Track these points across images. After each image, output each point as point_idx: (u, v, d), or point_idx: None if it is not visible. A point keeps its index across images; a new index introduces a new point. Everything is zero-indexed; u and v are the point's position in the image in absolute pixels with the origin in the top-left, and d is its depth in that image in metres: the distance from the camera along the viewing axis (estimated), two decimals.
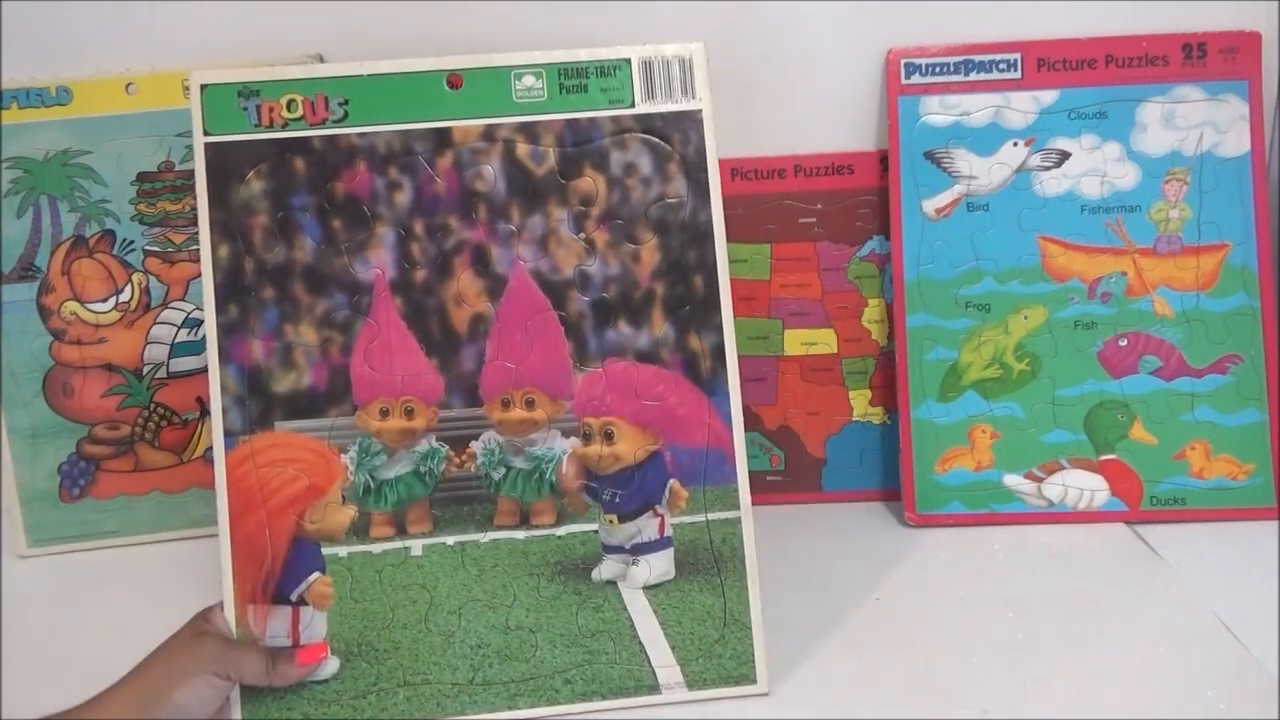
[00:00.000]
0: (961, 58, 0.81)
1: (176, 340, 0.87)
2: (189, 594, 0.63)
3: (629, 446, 0.67)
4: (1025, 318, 0.83)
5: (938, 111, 0.82)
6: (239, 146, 0.65)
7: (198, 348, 0.86)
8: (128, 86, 0.84)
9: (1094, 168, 0.81)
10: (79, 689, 0.56)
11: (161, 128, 0.84)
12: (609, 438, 0.67)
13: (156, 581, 0.79)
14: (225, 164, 0.65)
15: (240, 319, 0.66)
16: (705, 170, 0.66)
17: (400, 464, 0.67)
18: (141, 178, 0.85)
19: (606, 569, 0.67)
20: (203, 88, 0.65)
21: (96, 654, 0.64)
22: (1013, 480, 0.83)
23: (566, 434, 0.67)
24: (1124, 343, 0.81)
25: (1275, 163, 0.83)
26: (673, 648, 0.65)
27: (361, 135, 0.66)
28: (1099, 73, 0.80)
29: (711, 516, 0.67)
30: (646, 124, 0.66)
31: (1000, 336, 0.83)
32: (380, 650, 0.65)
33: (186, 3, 0.84)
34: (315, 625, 0.64)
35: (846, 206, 0.87)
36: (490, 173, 0.67)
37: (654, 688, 0.65)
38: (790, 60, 0.84)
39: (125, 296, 0.86)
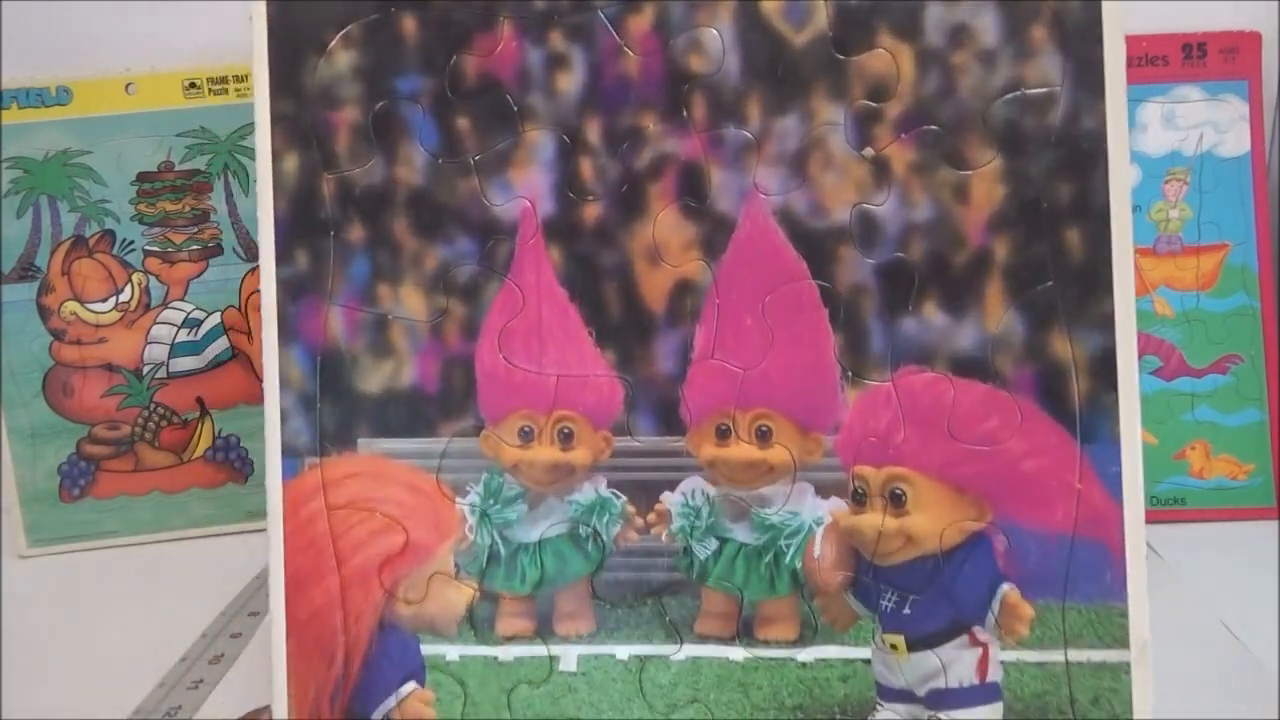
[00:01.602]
0: None
1: (176, 340, 0.87)
2: (189, 594, 0.66)
3: (932, 521, 0.44)
4: None
5: None
6: (315, 4, 0.46)
7: (198, 347, 0.87)
8: (128, 86, 0.85)
9: None
10: (79, 689, 0.57)
11: (161, 128, 0.85)
12: (898, 502, 0.44)
13: (156, 581, 0.79)
14: (297, 28, 0.46)
15: (312, 273, 0.46)
16: (1099, 40, 0.43)
17: (549, 520, 0.47)
18: (141, 178, 0.85)
19: None
20: None
21: (96, 654, 0.65)
22: None
23: (825, 492, 0.45)
24: None
25: (1275, 163, 0.83)
26: None
27: None
28: None
29: (1076, 655, 0.43)
30: None
31: None
32: None
33: (186, 2, 0.85)
34: None
35: None
36: (716, 40, 0.44)
37: None
38: None
39: (125, 296, 0.87)
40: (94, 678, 0.57)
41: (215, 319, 0.88)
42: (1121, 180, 0.43)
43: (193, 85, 0.85)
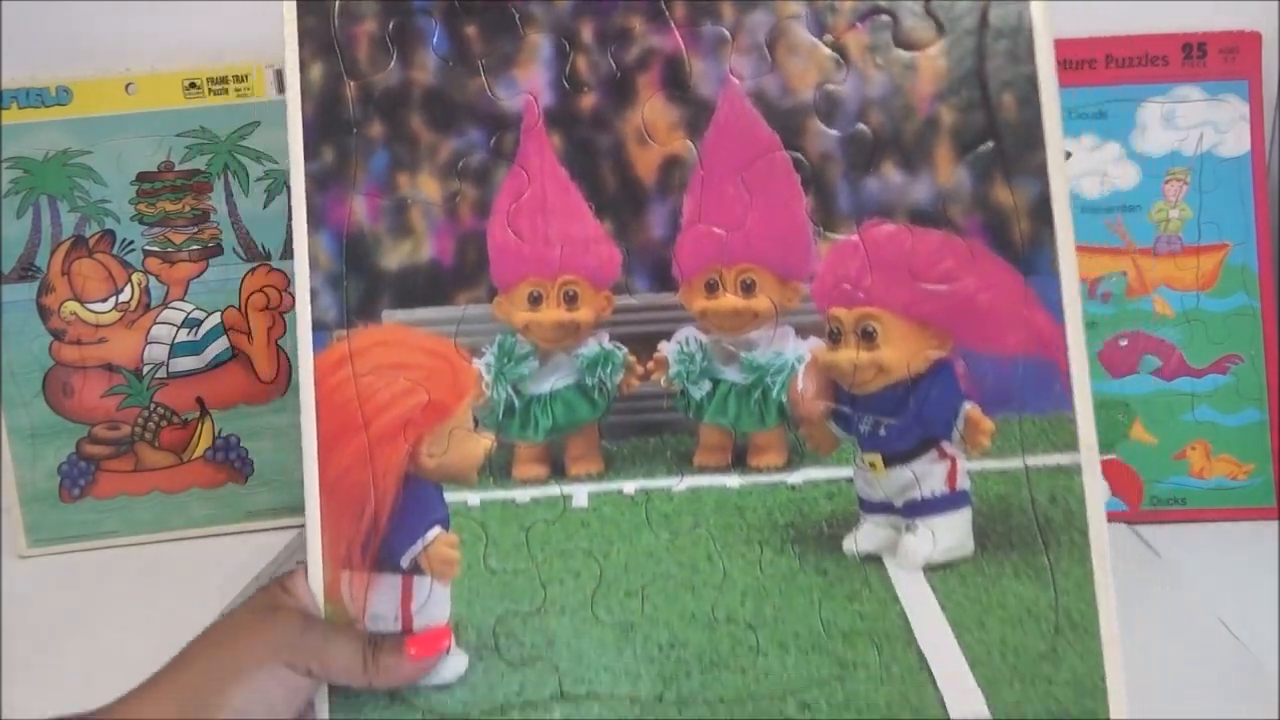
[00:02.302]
0: None
1: (176, 340, 0.86)
2: (189, 594, 0.62)
3: (900, 352, 0.49)
4: None
5: None
6: None
7: (198, 347, 0.86)
8: (128, 86, 0.84)
9: (1094, 167, 0.79)
10: (79, 689, 0.53)
11: (161, 128, 0.84)
12: (869, 338, 0.48)
13: (156, 581, 0.78)
14: None
15: (337, 166, 0.50)
16: None
17: (558, 374, 0.51)
18: (141, 178, 0.85)
19: (866, 537, 0.48)
20: None
21: (97, 654, 0.64)
22: None
23: (804, 333, 0.49)
24: (1124, 343, 0.80)
25: (1275, 163, 0.82)
26: (971, 663, 0.46)
27: None
28: (1099, 73, 0.79)
29: (1033, 461, 0.47)
30: None
31: None
32: (527, 645, 0.48)
33: (186, 3, 0.84)
34: (434, 603, 0.48)
35: None
36: None
37: None
38: None
39: (125, 296, 0.86)
40: (94, 678, 0.55)
41: (215, 319, 0.87)
42: (1045, 52, 0.49)
43: (193, 85, 0.85)
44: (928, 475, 0.49)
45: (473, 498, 0.50)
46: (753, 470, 0.51)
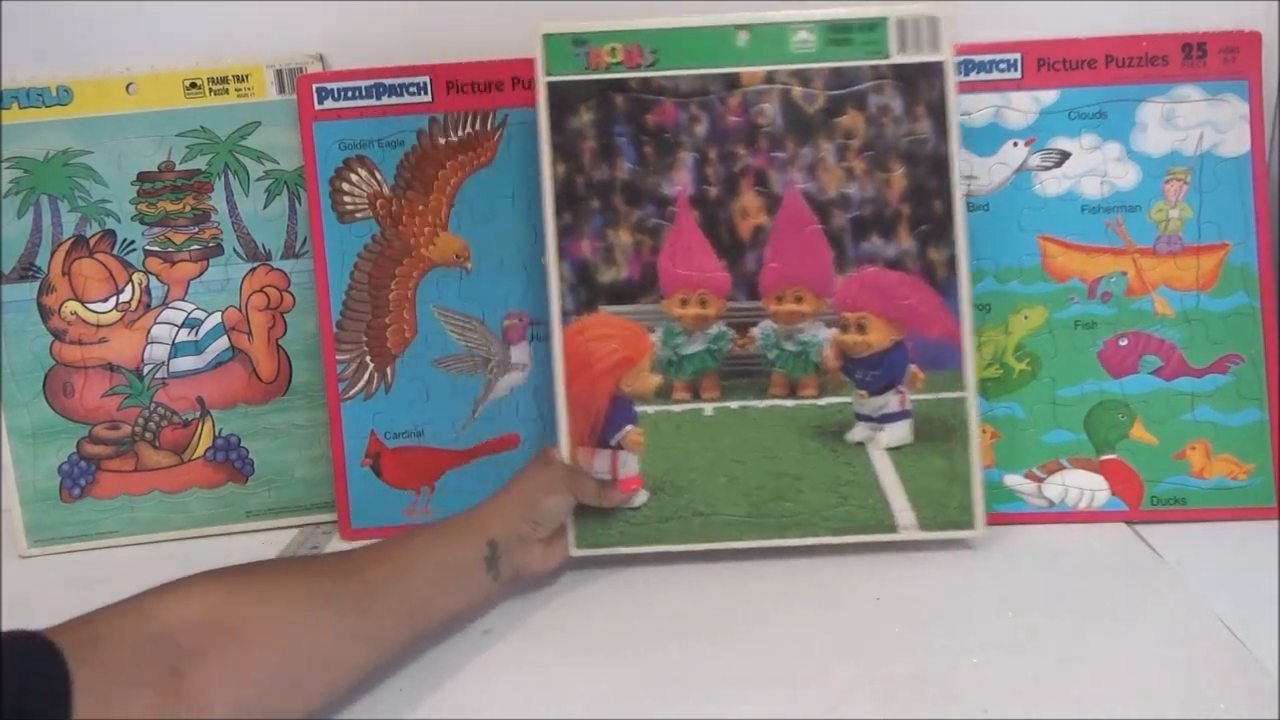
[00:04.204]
0: (961, 58, 0.80)
1: (177, 340, 0.85)
2: None
3: (878, 336, 0.79)
4: (1025, 318, 0.83)
5: None
6: (573, 85, 0.77)
7: (198, 347, 0.85)
8: (128, 86, 0.83)
9: (1094, 168, 0.81)
10: None
11: (161, 128, 0.83)
12: (862, 329, 0.78)
13: (156, 582, 0.72)
14: (562, 99, 0.77)
15: (573, 223, 0.78)
16: (946, 112, 0.76)
17: (696, 343, 0.79)
18: (142, 178, 0.84)
19: (857, 433, 0.79)
20: (545, 37, 0.76)
21: None
22: (1013, 480, 0.83)
23: (828, 325, 0.79)
24: (1124, 343, 0.81)
25: (1275, 163, 0.82)
26: (908, 496, 0.77)
27: (668, 77, 0.77)
28: (1099, 73, 0.80)
29: (942, 395, 0.78)
30: (899, 72, 0.76)
31: (1000, 336, 0.83)
32: (679, 487, 0.77)
33: (186, 3, 0.83)
34: (629, 465, 0.77)
35: None
36: (770, 110, 0.78)
37: (892, 527, 0.77)
38: None
39: (126, 296, 0.85)
40: None
41: (215, 319, 0.86)
42: (956, 177, 0.75)
43: (193, 85, 0.83)
44: (890, 401, 0.77)
45: (649, 409, 0.77)
46: (800, 397, 0.78)
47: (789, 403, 0.79)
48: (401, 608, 0.62)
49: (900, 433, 0.78)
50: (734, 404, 0.79)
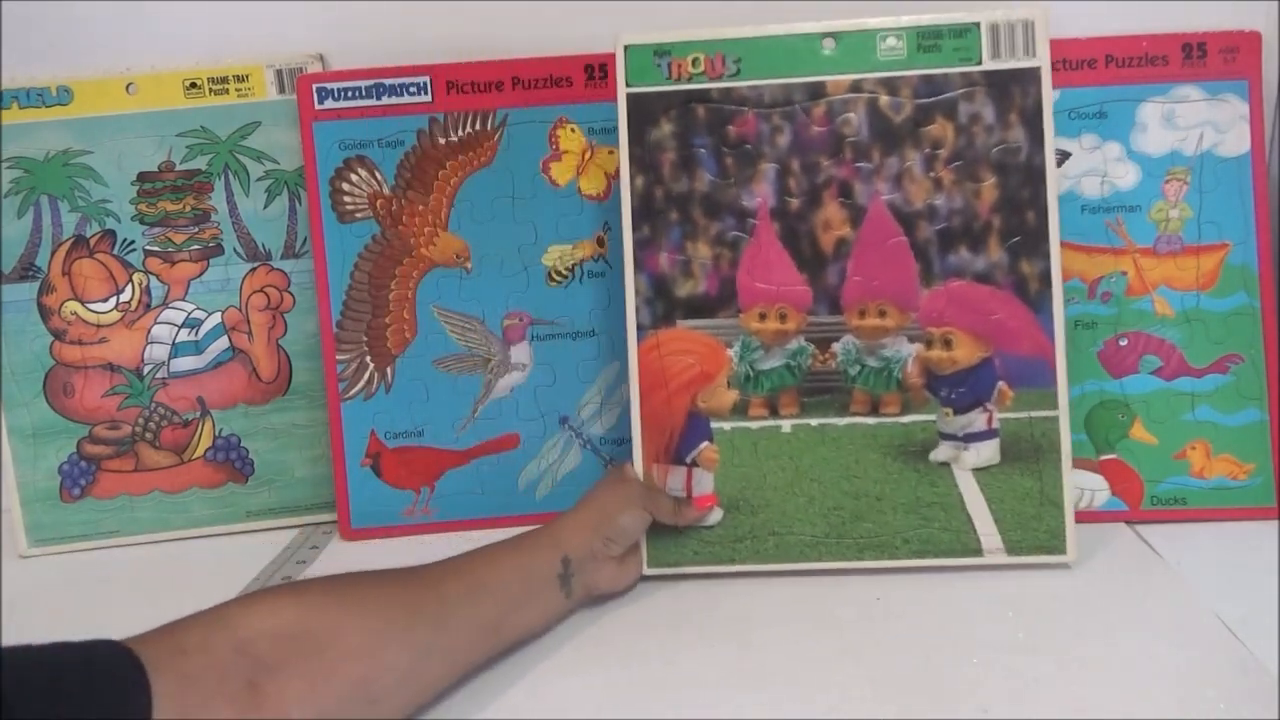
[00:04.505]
0: None
1: (177, 340, 0.85)
2: (190, 594, 0.59)
3: (965, 353, 0.77)
4: None
5: None
6: (653, 96, 0.77)
7: (198, 347, 0.86)
8: (128, 86, 0.83)
9: (1094, 167, 0.81)
10: None
11: (161, 128, 0.83)
12: (948, 345, 0.77)
13: (156, 581, 0.74)
14: (642, 110, 0.77)
15: (651, 236, 0.77)
16: (1041, 120, 0.74)
17: (774, 358, 0.78)
18: (142, 178, 0.84)
19: (942, 452, 0.78)
20: (625, 48, 0.76)
21: None
22: None
23: (912, 340, 0.77)
24: (1124, 342, 0.81)
25: (1275, 163, 0.82)
26: (995, 520, 0.75)
27: (751, 87, 0.77)
28: (1099, 73, 0.80)
29: (1033, 414, 0.76)
30: (992, 79, 0.75)
31: None
32: (755, 506, 0.77)
33: (186, 2, 0.84)
34: (704, 483, 0.77)
35: None
36: (856, 120, 0.76)
37: (977, 551, 0.75)
38: None
39: (126, 296, 0.85)
40: None
41: (215, 319, 0.86)
42: (1052, 188, 0.73)
43: (193, 85, 0.83)
44: (976, 420, 0.75)
45: (726, 426, 0.77)
46: (882, 414, 0.77)
47: (870, 420, 0.78)
48: (477, 624, 0.63)
49: (987, 453, 0.76)
50: (813, 421, 0.78)
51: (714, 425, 0.78)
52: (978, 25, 0.75)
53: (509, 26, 0.85)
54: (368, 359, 0.86)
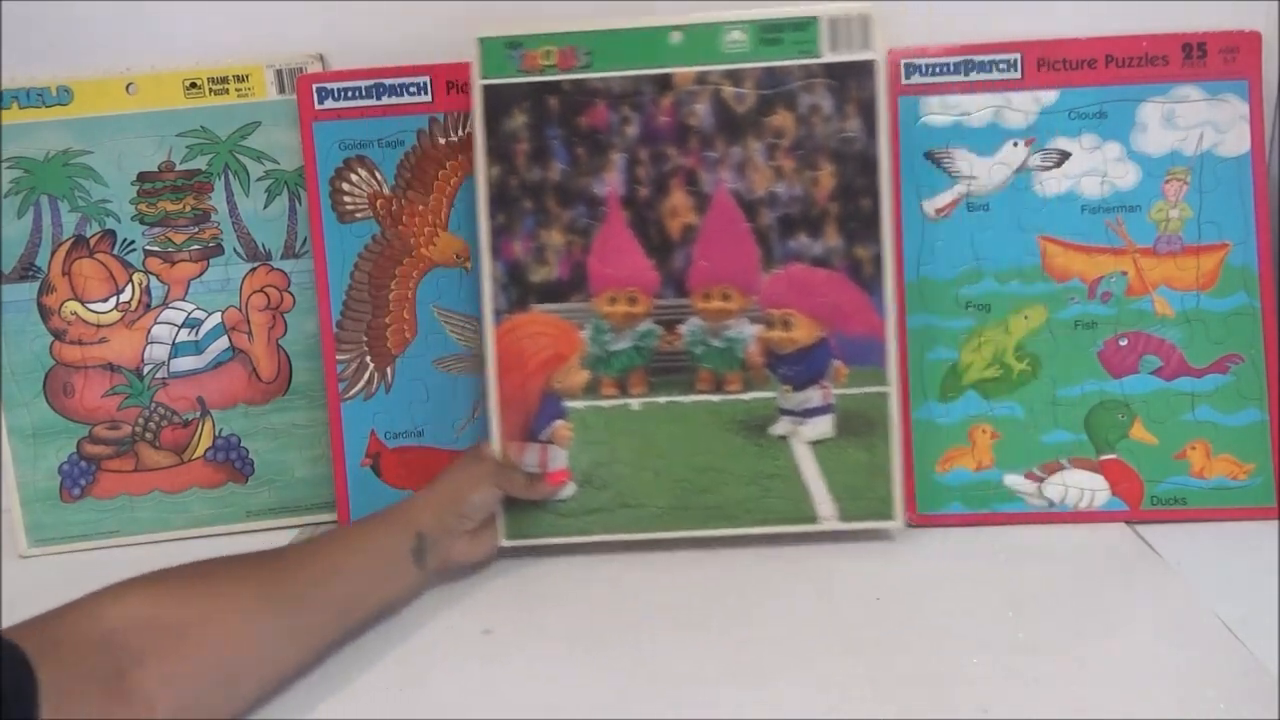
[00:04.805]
0: (961, 58, 0.82)
1: (177, 340, 0.85)
2: None
3: (803, 333, 0.80)
4: (1025, 318, 0.83)
5: (938, 112, 0.83)
6: (507, 88, 0.78)
7: (198, 347, 0.85)
8: (128, 86, 0.83)
9: (1094, 167, 0.81)
10: None
11: (162, 128, 0.83)
12: (787, 325, 0.80)
13: None
14: (496, 101, 0.78)
15: (506, 224, 0.79)
16: (876, 111, 0.77)
17: (624, 340, 0.81)
18: (142, 178, 0.84)
19: (781, 427, 0.81)
20: (480, 40, 0.78)
21: None
22: (1013, 480, 0.83)
23: (754, 321, 0.80)
24: (1124, 343, 0.81)
25: (1275, 163, 0.82)
26: (829, 489, 0.79)
27: (601, 79, 0.79)
28: (1099, 73, 0.80)
29: (865, 390, 0.80)
30: (830, 71, 0.78)
31: (1000, 336, 0.83)
32: (606, 480, 0.80)
33: (186, 2, 0.84)
34: (558, 459, 0.80)
35: None
36: (701, 110, 0.79)
37: (813, 518, 0.79)
38: None
39: (126, 296, 0.84)
40: None
41: (215, 319, 0.86)
42: (885, 177, 0.77)
43: (193, 85, 0.83)
44: (813, 396, 0.79)
45: (579, 404, 0.80)
46: (725, 392, 0.80)
47: (715, 398, 0.81)
48: (334, 605, 0.65)
49: (823, 427, 0.80)
50: (661, 399, 0.81)
51: (567, 404, 0.80)
52: (817, 19, 0.78)
53: (508, 26, 0.82)
54: (368, 359, 0.86)
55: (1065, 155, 0.82)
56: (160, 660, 0.54)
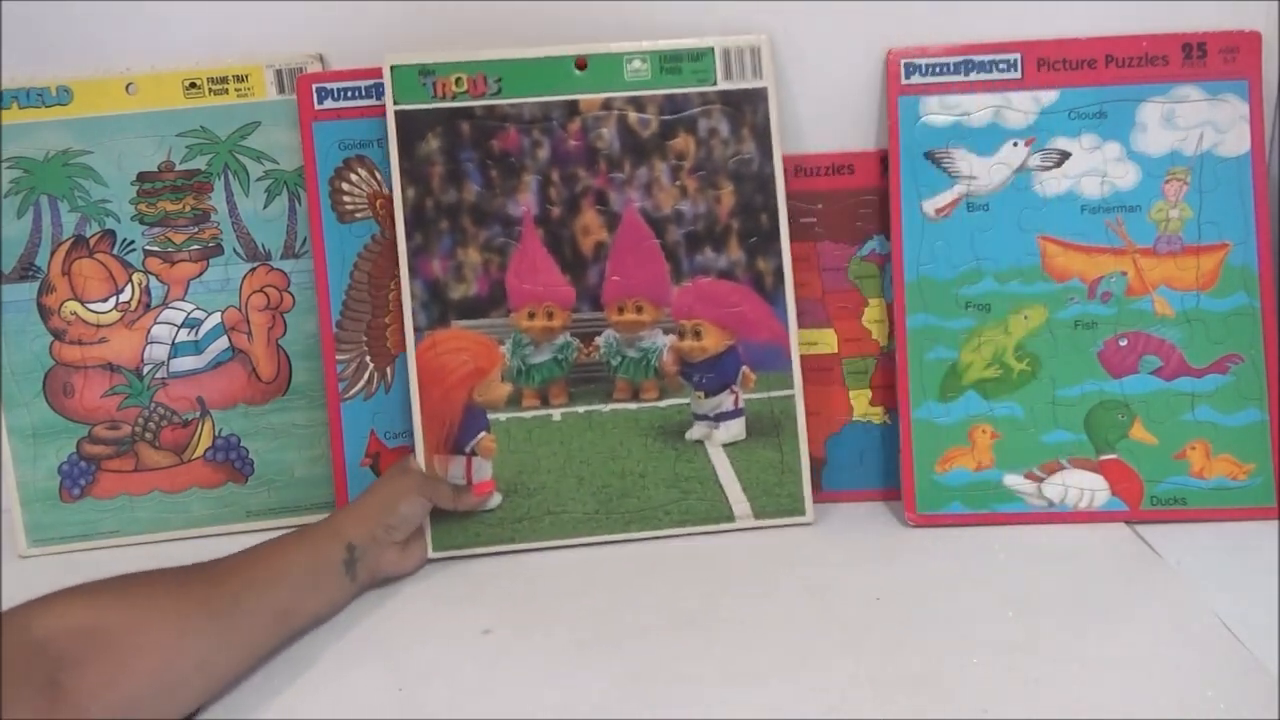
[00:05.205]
0: (961, 58, 0.81)
1: (177, 340, 0.85)
2: None
3: (712, 341, 0.84)
4: (1025, 318, 0.82)
5: (938, 111, 0.82)
6: (420, 114, 0.80)
7: (198, 347, 0.85)
8: (128, 86, 0.82)
9: (1094, 167, 0.80)
10: None
11: (161, 128, 0.83)
12: (698, 335, 0.83)
13: None
14: (410, 126, 0.80)
15: (424, 244, 0.81)
16: (770, 134, 0.82)
17: (543, 353, 0.83)
18: (142, 178, 0.83)
19: (696, 431, 0.84)
20: (392, 68, 0.79)
21: None
22: (1013, 480, 0.82)
23: (666, 332, 0.83)
24: (1124, 343, 0.80)
25: (1275, 163, 0.81)
26: (744, 489, 0.83)
27: (512, 105, 0.81)
28: (1099, 73, 0.79)
29: (772, 394, 0.84)
30: (726, 98, 0.82)
31: (1000, 336, 0.82)
32: (531, 489, 0.82)
33: (186, 2, 0.83)
34: (483, 470, 0.81)
35: (847, 206, 0.87)
36: (608, 134, 0.82)
37: (730, 518, 0.83)
38: (791, 61, 0.85)
39: (125, 296, 0.84)
40: None
41: (215, 319, 0.85)
42: (780, 194, 0.81)
43: (193, 85, 0.82)
44: (725, 400, 0.82)
45: (501, 416, 0.81)
46: (642, 400, 0.82)
47: (632, 406, 0.83)
48: (267, 613, 0.65)
49: (735, 430, 0.83)
50: (581, 409, 0.83)
51: (490, 416, 0.81)
52: (712, 50, 0.82)
53: (509, 26, 0.84)
54: (368, 359, 0.86)
55: (1065, 155, 0.82)
56: (94, 667, 0.54)
